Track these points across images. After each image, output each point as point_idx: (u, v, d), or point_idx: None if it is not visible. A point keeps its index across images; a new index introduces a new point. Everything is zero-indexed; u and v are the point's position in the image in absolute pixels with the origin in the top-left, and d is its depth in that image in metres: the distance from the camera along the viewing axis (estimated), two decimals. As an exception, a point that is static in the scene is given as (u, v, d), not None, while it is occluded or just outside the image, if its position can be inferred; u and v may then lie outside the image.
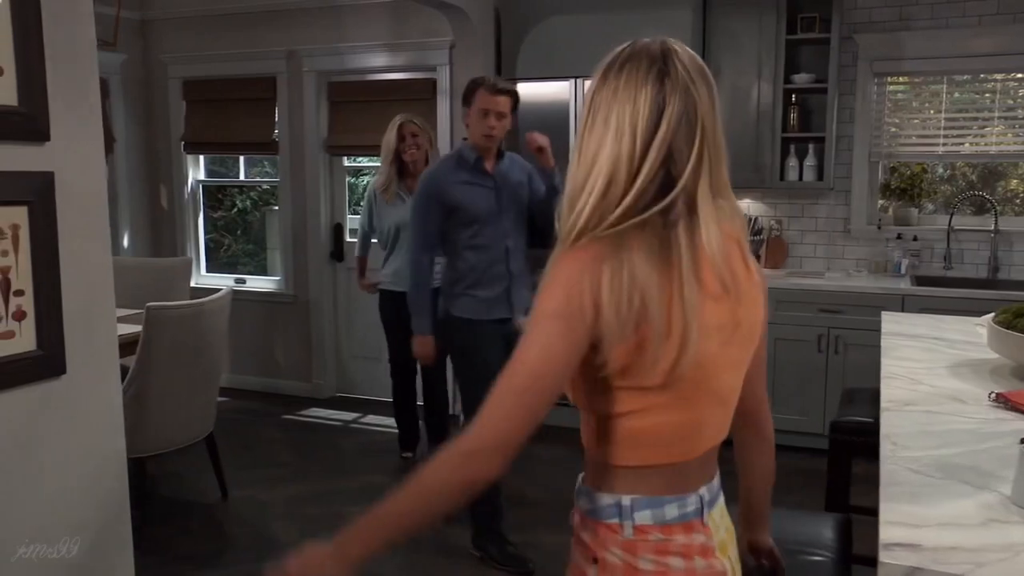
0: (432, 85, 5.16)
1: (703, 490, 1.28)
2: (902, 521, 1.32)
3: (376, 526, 1.17)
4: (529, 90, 4.87)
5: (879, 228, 4.82)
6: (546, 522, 3.71)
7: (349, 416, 5.29)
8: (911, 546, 1.23)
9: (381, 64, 5.30)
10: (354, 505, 3.88)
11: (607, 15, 4.59)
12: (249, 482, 4.17)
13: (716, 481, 1.33)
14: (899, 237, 4.78)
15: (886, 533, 1.27)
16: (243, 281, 5.91)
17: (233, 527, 3.74)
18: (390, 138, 4.20)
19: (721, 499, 1.34)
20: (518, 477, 4.24)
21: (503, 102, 3.22)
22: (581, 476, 1.34)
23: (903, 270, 4.67)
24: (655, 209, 1.17)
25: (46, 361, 2.29)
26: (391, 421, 5.19)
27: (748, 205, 4.96)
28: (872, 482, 3.31)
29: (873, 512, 2.36)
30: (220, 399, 4.79)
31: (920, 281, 4.54)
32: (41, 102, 2.24)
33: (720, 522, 1.31)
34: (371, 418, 5.28)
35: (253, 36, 5.54)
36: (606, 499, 1.26)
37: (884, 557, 1.20)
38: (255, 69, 5.58)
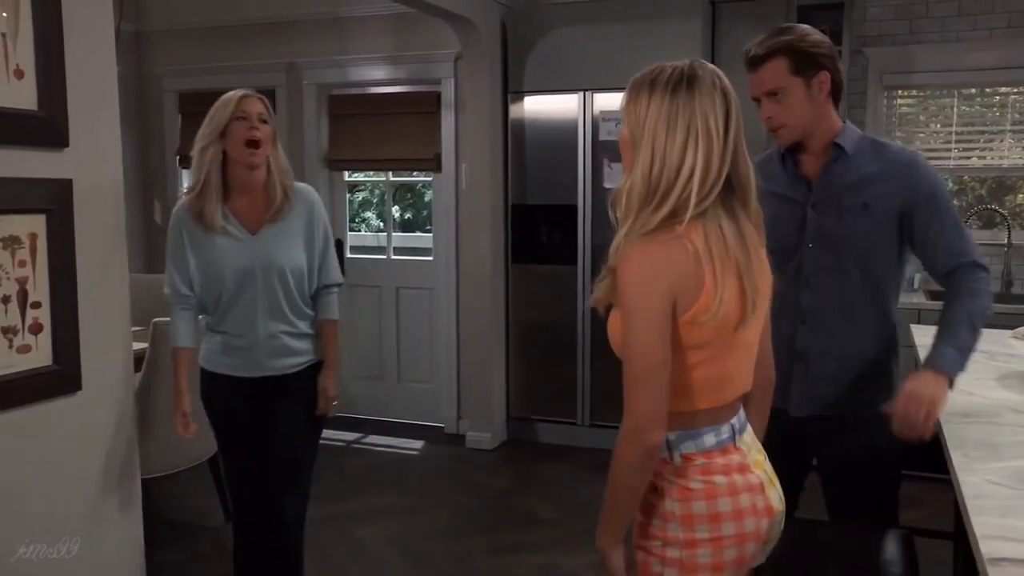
0: (436, 98, 5.12)
1: (733, 420, 1.58)
2: (1001, 535, 1.27)
3: (608, 518, 1.54)
4: (536, 104, 4.86)
5: (890, 242, 4.81)
6: (561, 543, 3.64)
7: (351, 436, 5.20)
8: (1019, 561, 1.19)
9: (383, 76, 5.26)
10: (362, 527, 3.80)
11: (616, 27, 4.57)
12: (252, 504, 4.06)
13: (742, 412, 1.62)
14: (910, 251, 4.77)
15: (988, 547, 1.23)
16: (239, 298, 5.82)
17: (239, 551, 3.64)
18: (221, 118, 2.50)
19: (749, 427, 1.64)
20: (532, 496, 4.18)
21: (756, 79, 2.08)
22: None
23: (916, 284, 4.66)
24: (707, 202, 1.47)
25: (62, 376, 2.22)
26: (394, 441, 5.14)
27: (757, 219, 4.94)
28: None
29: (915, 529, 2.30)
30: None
31: (934, 295, 4.52)
32: (61, 107, 2.19)
33: (751, 443, 1.62)
34: (373, 438, 5.18)
35: (252, 48, 5.48)
36: None
37: (992, 572, 1.16)
38: (253, 82, 5.46)
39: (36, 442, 2.17)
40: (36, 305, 2.15)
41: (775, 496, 1.60)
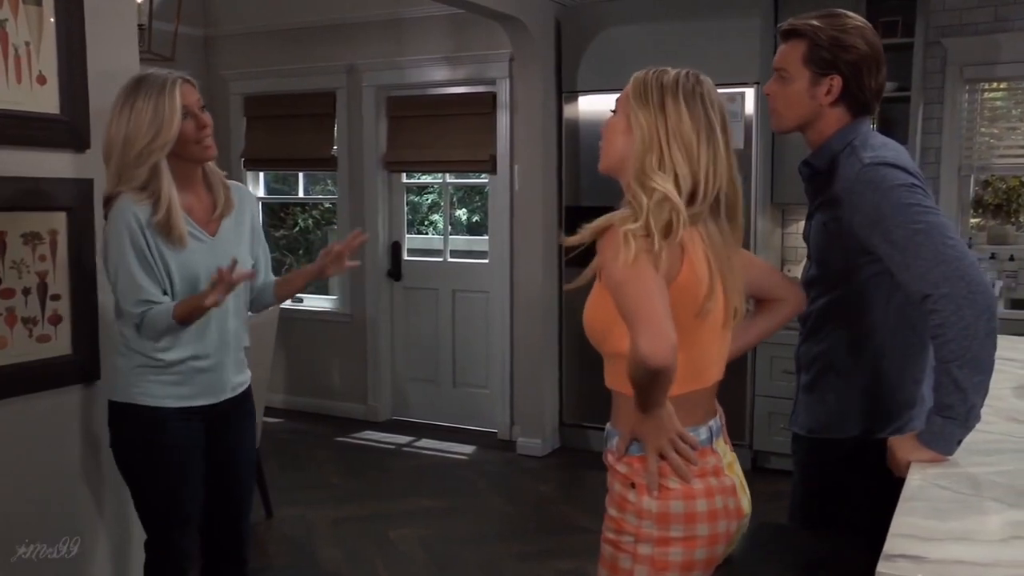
0: (492, 99, 5.27)
1: (711, 422, 1.67)
2: (913, 534, 1.31)
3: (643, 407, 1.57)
4: (591, 103, 4.93)
5: (970, 247, 4.69)
6: (592, 550, 3.66)
7: (403, 439, 5.39)
8: (915, 558, 1.22)
9: (440, 78, 5.44)
10: (396, 528, 3.96)
11: (672, 25, 4.62)
12: (296, 502, 4.29)
13: (719, 416, 1.72)
14: (993, 257, 4.63)
15: (891, 544, 1.26)
16: (300, 300, 6.09)
17: (276, 546, 3.85)
18: (169, 126, 2.14)
19: (723, 432, 1.73)
20: (572, 504, 4.26)
21: (778, 51, 1.99)
22: (610, 422, 1.72)
23: (998, 292, 4.52)
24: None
25: (80, 365, 2.44)
26: (445, 445, 5.29)
27: (826, 222, 4.88)
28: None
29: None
30: (273, 420, 4.97)
31: (1016, 304, 4.38)
32: (82, 111, 2.41)
33: (726, 447, 1.72)
34: (425, 442, 5.36)
35: (313, 51, 5.76)
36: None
37: (883, 568, 1.20)
38: (315, 84, 5.80)
39: (55, 427, 2.40)
40: (56, 297, 2.38)
41: (745, 500, 1.71)
